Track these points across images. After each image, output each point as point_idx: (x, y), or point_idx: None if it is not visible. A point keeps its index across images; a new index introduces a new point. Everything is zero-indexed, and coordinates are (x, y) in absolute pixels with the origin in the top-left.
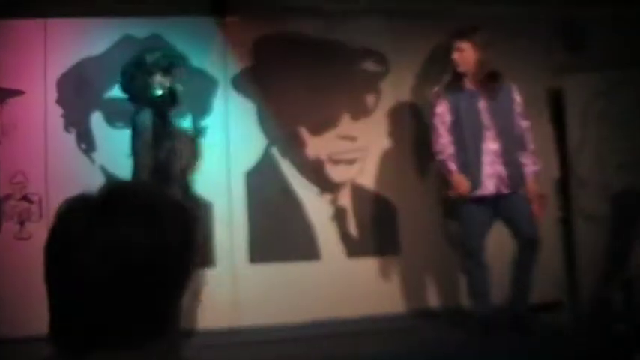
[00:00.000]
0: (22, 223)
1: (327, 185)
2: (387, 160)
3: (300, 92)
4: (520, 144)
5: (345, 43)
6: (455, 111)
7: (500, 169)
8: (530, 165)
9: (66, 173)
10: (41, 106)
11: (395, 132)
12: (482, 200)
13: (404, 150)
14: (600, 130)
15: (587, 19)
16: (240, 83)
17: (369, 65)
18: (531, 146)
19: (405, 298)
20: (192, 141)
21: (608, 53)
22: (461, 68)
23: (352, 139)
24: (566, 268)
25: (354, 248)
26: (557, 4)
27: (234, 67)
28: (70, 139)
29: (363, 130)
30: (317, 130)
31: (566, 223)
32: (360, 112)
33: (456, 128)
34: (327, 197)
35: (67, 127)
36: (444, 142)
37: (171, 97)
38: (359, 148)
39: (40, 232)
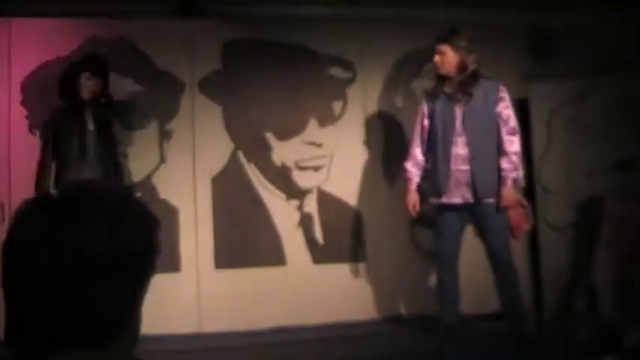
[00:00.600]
0: None
1: (293, 191)
2: (353, 166)
3: (268, 97)
4: (499, 148)
5: (312, 49)
6: (431, 116)
7: (468, 176)
8: (509, 170)
9: (29, 177)
10: (5, 108)
11: (362, 139)
12: (452, 207)
13: (371, 157)
14: (566, 138)
15: (554, 27)
16: (207, 86)
17: (337, 72)
18: (514, 149)
19: (371, 305)
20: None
21: (575, 61)
22: (441, 71)
23: (318, 145)
24: (530, 275)
25: (319, 254)
26: (524, 12)
27: (202, 70)
28: (34, 141)
29: (329, 136)
30: (284, 135)
31: (531, 230)
32: (327, 118)
33: (431, 133)
34: (294, 203)
35: (31, 130)
36: (413, 155)
37: (102, 99)
38: (325, 155)
39: (3, 235)
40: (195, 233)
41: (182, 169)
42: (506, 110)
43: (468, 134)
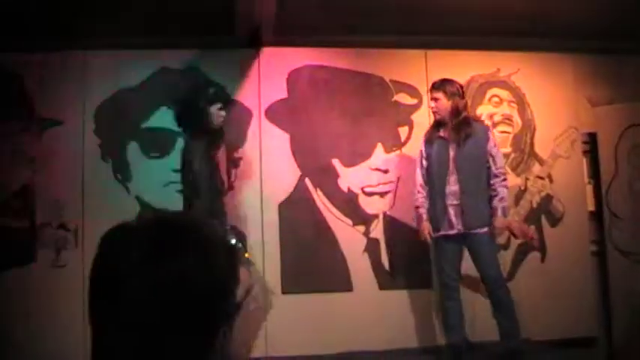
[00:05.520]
0: (58, 251)
1: (359, 217)
2: None
3: (334, 124)
4: (489, 184)
5: (378, 75)
6: (428, 158)
7: (460, 209)
8: (496, 201)
9: (102, 202)
10: (79, 136)
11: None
12: (450, 237)
13: None
14: (634, 163)
15: (621, 52)
16: (274, 114)
17: (402, 97)
18: (501, 183)
19: (438, 332)
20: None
21: None
22: (437, 116)
23: (384, 171)
24: (599, 302)
25: (386, 280)
26: (591, 37)
27: (269, 98)
28: (107, 168)
29: (395, 162)
30: (350, 161)
31: (600, 256)
32: (393, 144)
33: (429, 173)
34: (360, 229)
35: (103, 157)
36: (421, 197)
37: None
38: (391, 180)
39: (75, 259)
40: (262, 259)
41: (249, 196)
42: (494, 149)
43: (461, 173)
